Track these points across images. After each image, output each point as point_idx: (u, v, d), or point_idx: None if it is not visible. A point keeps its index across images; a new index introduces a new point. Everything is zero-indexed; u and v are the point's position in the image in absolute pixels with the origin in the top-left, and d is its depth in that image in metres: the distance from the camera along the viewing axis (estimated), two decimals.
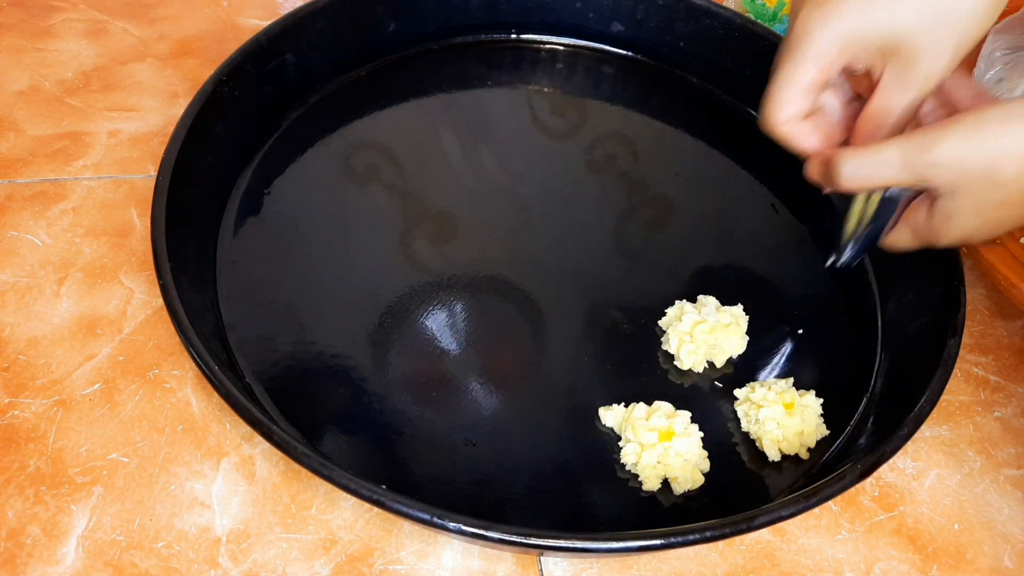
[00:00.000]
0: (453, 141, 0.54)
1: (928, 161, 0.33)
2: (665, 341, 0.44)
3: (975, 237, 0.35)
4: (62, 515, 0.37)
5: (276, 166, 0.51)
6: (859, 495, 0.42)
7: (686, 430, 0.40)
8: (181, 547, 0.37)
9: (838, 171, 0.35)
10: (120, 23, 0.62)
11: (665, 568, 0.38)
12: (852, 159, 0.35)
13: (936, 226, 0.36)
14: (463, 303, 0.45)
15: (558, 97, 0.58)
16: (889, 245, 0.39)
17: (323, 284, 0.45)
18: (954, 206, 0.34)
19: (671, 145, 0.57)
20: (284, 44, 0.51)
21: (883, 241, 0.39)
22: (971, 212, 0.34)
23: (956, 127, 0.33)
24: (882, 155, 0.34)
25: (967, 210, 0.34)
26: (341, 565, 0.37)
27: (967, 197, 0.34)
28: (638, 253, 0.50)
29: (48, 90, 0.56)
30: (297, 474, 0.39)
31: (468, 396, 0.42)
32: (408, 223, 0.49)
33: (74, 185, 0.50)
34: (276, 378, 0.41)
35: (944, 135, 0.33)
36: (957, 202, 0.34)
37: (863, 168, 0.35)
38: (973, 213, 0.34)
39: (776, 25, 0.64)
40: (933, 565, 0.39)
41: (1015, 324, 0.49)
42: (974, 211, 0.34)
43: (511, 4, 0.59)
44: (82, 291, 0.45)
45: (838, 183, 0.36)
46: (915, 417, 0.37)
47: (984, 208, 0.34)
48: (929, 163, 0.33)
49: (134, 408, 0.41)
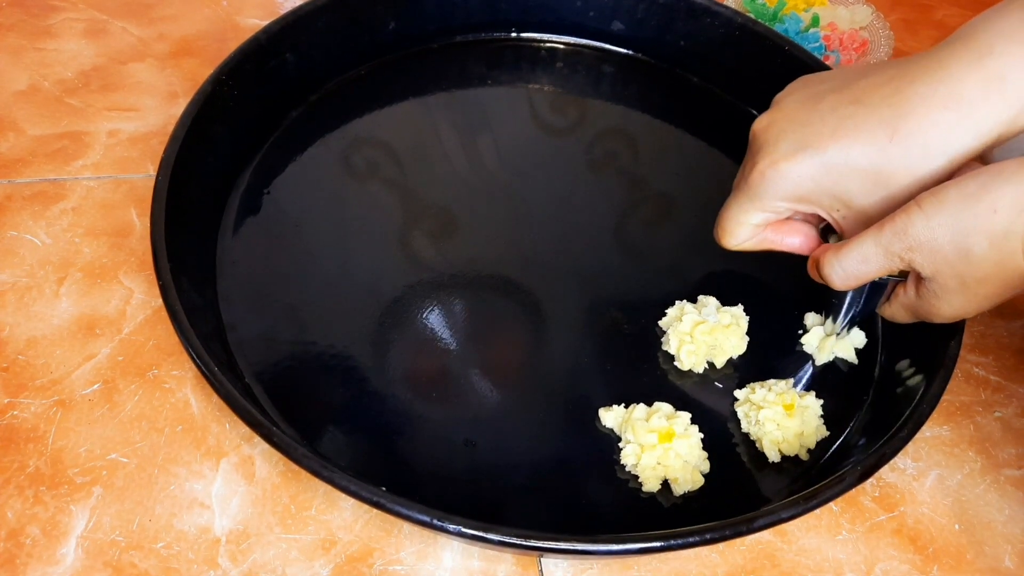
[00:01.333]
0: (453, 140, 0.54)
1: (905, 247, 0.33)
2: (665, 341, 0.44)
3: (968, 313, 0.35)
4: (61, 515, 0.37)
5: (276, 166, 0.51)
6: (859, 496, 0.41)
7: (686, 431, 0.40)
8: (180, 547, 0.37)
9: (828, 277, 0.37)
10: (120, 23, 0.62)
11: (665, 569, 0.38)
12: (836, 263, 0.36)
13: (928, 306, 0.36)
14: (463, 302, 0.45)
15: (558, 96, 0.58)
16: (887, 317, 0.40)
17: (323, 284, 0.45)
18: (938, 287, 0.34)
19: (671, 144, 0.57)
20: (284, 43, 0.51)
21: (880, 312, 0.40)
22: (955, 291, 0.34)
23: (919, 210, 0.33)
24: (862, 251, 0.35)
25: (951, 289, 0.34)
26: (341, 565, 0.37)
27: (948, 277, 0.34)
28: (638, 252, 0.49)
29: (48, 90, 0.56)
30: (297, 474, 0.39)
31: (468, 396, 0.42)
32: (408, 222, 0.49)
33: (74, 185, 0.50)
34: (276, 378, 0.41)
35: (910, 219, 0.33)
36: (940, 283, 0.34)
37: (849, 268, 0.36)
38: (958, 291, 0.34)
39: (776, 25, 0.64)
40: (933, 565, 0.39)
41: (1015, 324, 0.49)
42: (958, 289, 0.34)
43: (511, 3, 0.59)
44: (82, 291, 0.45)
45: (832, 287, 0.37)
46: (915, 418, 0.37)
47: (967, 285, 0.34)
48: (906, 248, 0.33)
49: (133, 408, 0.41)
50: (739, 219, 0.40)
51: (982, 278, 0.33)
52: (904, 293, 0.38)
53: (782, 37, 0.55)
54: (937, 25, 0.72)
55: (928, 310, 0.36)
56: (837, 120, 0.36)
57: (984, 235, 0.32)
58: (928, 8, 0.74)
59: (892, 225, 0.34)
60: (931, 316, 0.37)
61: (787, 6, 0.65)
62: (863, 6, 0.66)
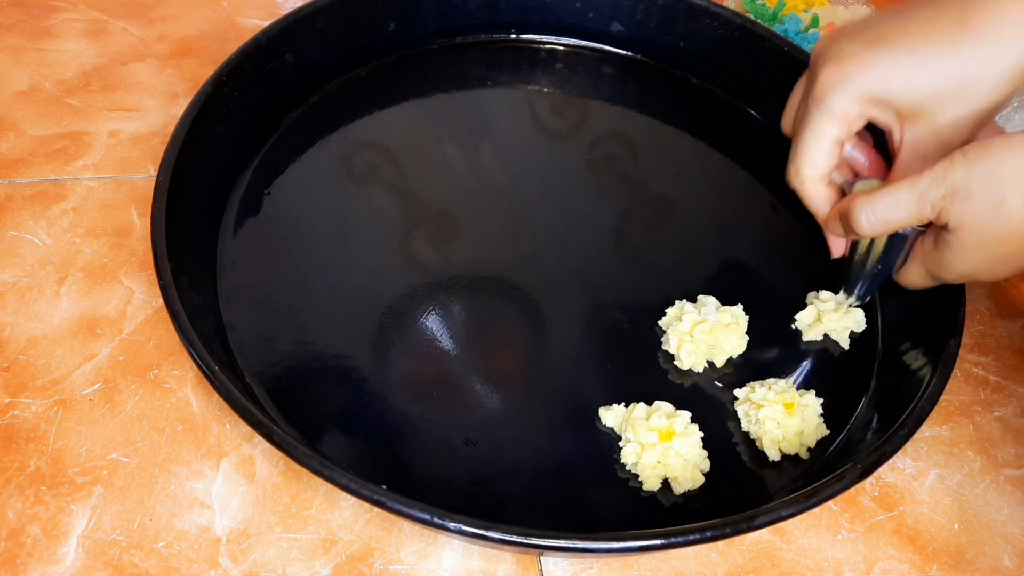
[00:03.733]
0: (453, 141, 0.54)
1: (941, 194, 0.33)
2: (665, 341, 0.44)
3: (979, 273, 0.35)
4: (62, 515, 0.37)
5: (276, 166, 0.51)
6: (859, 495, 0.42)
7: (686, 430, 0.40)
8: (181, 547, 0.37)
9: (856, 220, 0.36)
10: (120, 23, 0.62)
11: (665, 568, 0.38)
12: (868, 206, 0.35)
13: (942, 259, 0.36)
14: (463, 303, 0.45)
15: (558, 97, 0.58)
16: (903, 282, 0.40)
17: (323, 284, 0.45)
18: (957, 239, 0.34)
19: (671, 145, 0.57)
20: (284, 44, 0.51)
21: (896, 277, 0.40)
22: (973, 246, 0.34)
23: (962, 157, 0.32)
24: (896, 197, 0.34)
25: (970, 245, 0.34)
26: (341, 565, 0.37)
27: (971, 230, 0.33)
28: (638, 253, 0.50)
29: (48, 90, 0.56)
30: (297, 474, 0.39)
31: (468, 396, 0.42)
32: (408, 223, 0.49)
33: (74, 185, 0.50)
34: (276, 378, 0.41)
35: (952, 165, 0.33)
36: (961, 235, 0.34)
37: (880, 212, 0.35)
38: (975, 247, 0.34)
39: (776, 25, 0.64)
40: (933, 565, 0.39)
41: (1015, 324, 0.49)
42: (976, 245, 0.34)
43: (511, 4, 0.59)
44: (82, 291, 0.45)
45: (858, 231, 0.36)
46: (915, 417, 0.37)
47: (987, 242, 0.34)
48: (941, 196, 0.33)
49: (134, 408, 0.41)
50: (816, 138, 0.37)
51: (1004, 236, 0.33)
52: (922, 246, 0.37)
53: (781, 38, 0.55)
54: None
55: (941, 265, 0.36)
56: (905, 20, 0.35)
57: (1020, 188, 0.32)
58: None
59: (932, 172, 0.33)
60: (943, 271, 0.36)
61: (787, 7, 0.65)
62: (862, 6, 0.66)
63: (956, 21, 0.33)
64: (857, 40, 0.35)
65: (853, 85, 0.35)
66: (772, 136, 0.57)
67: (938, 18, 0.34)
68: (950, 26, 0.33)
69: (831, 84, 0.36)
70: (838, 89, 0.36)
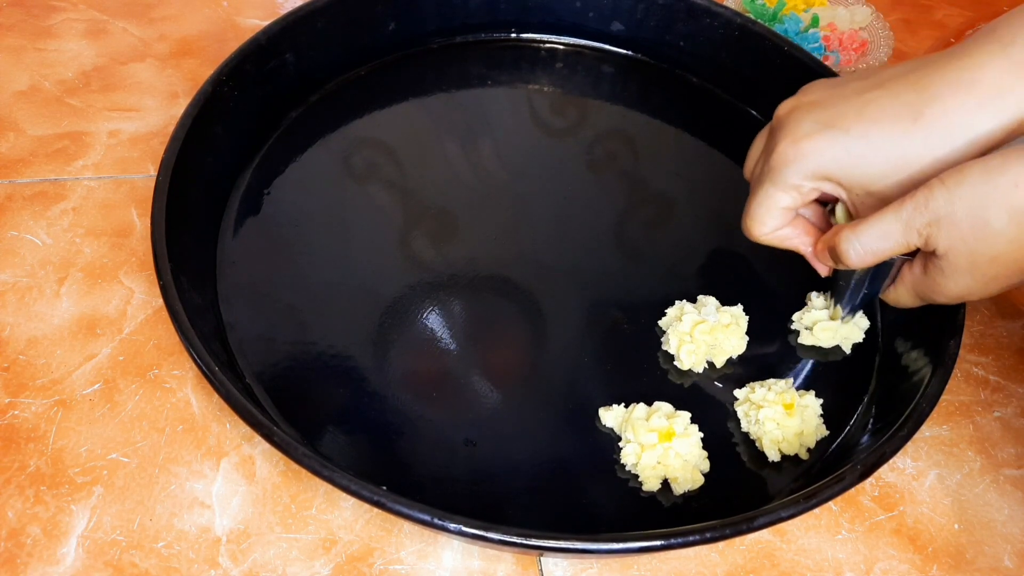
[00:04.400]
0: (453, 140, 0.54)
1: (925, 221, 0.33)
2: (665, 341, 0.44)
3: (972, 294, 0.35)
4: (62, 515, 0.37)
5: (276, 166, 0.51)
6: (859, 495, 0.42)
7: (686, 430, 0.40)
8: (181, 547, 0.37)
9: (845, 254, 0.36)
10: (120, 23, 0.62)
11: (665, 568, 0.38)
12: (854, 239, 0.36)
13: (933, 284, 0.36)
14: (463, 302, 0.45)
15: (558, 96, 0.58)
16: (891, 303, 0.40)
17: (323, 284, 0.45)
18: (947, 264, 0.34)
19: (671, 144, 0.57)
20: (284, 44, 0.51)
21: (884, 297, 0.40)
22: (964, 270, 0.34)
23: (940, 184, 0.33)
24: (882, 227, 0.35)
25: (960, 268, 0.34)
26: (341, 565, 0.37)
27: (959, 254, 0.34)
28: (638, 252, 0.50)
29: (48, 90, 0.56)
30: (297, 474, 0.39)
31: (468, 396, 0.42)
32: (408, 223, 0.49)
33: (74, 185, 0.50)
34: (276, 378, 0.41)
35: (932, 193, 0.33)
36: (951, 260, 0.34)
37: (867, 244, 0.35)
38: (966, 271, 0.34)
39: (776, 25, 0.64)
40: (933, 565, 0.39)
41: (1015, 324, 0.49)
42: (967, 268, 0.34)
43: (511, 3, 0.59)
44: (82, 291, 0.45)
45: (848, 264, 0.37)
46: (915, 417, 0.37)
47: (977, 264, 0.34)
48: (926, 223, 0.33)
49: (134, 408, 0.41)
50: (767, 204, 0.39)
51: (994, 256, 0.33)
52: (910, 271, 0.38)
53: (782, 38, 0.55)
54: (937, 25, 0.72)
55: (933, 288, 0.36)
56: (862, 103, 0.36)
57: (1004, 209, 0.32)
58: (928, 8, 0.74)
59: (913, 200, 0.34)
60: (935, 295, 0.37)
61: (787, 6, 0.65)
62: (863, 6, 0.66)
63: (909, 113, 0.34)
64: (815, 119, 0.37)
65: (806, 163, 0.37)
66: None
67: (893, 107, 0.35)
68: (903, 117, 0.35)
69: (786, 159, 0.37)
70: (792, 165, 0.37)
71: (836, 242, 0.37)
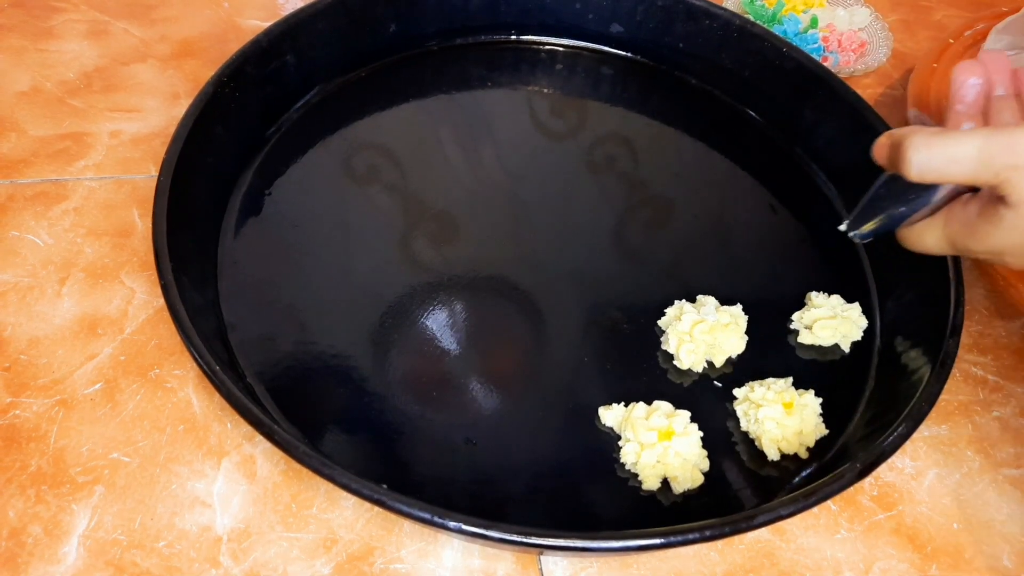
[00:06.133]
0: (453, 142, 0.54)
1: (1012, 163, 0.30)
2: (665, 341, 0.45)
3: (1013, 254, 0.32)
4: (63, 514, 0.37)
5: (277, 166, 0.51)
6: (858, 494, 0.42)
7: (685, 429, 0.40)
8: (182, 546, 0.37)
9: (906, 158, 0.32)
10: (121, 24, 0.62)
11: (664, 567, 0.38)
12: (924, 149, 0.31)
13: (981, 231, 0.33)
14: (463, 303, 0.45)
15: (558, 98, 0.58)
16: (911, 240, 0.36)
17: (324, 284, 0.45)
18: (1016, 215, 0.31)
19: (670, 145, 0.57)
20: (285, 45, 0.51)
21: (902, 232, 0.37)
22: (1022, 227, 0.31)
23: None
24: (958, 149, 0.31)
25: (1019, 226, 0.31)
26: (342, 564, 0.37)
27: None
28: (638, 253, 0.50)
29: (50, 91, 0.56)
30: (298, 473, 0.39)
31: (468, 396, 0.42)
32: (408, 223, 0.49)
33: (76, 185, 0.50)
34: (277, 378, 0.41)
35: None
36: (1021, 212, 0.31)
37: (934, 161, 0.31)
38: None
39: (775, 26, 0.64)
40: (932, 564, 0.40)
41: (1014, 324, 0.50)
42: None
43: (511, 5, 0.59)
44: (83, 291, 0.45)
45: (904, 170, 0.32)
46: (914, 417, 0.37)
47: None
48: (1012, 165, 0.30)
49: (135, 408, 0.41)
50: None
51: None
52: (963, 209, 0.34)
53: (781, 39, 0.55)
54: (936, 26, 0.72)
55: (977, 237, 0.33)
56: None
57: None
58: (927, 9, 0.74)
59: (1009, 136, 0.30)
60: (975, 243, 0.33)
61: (786, 7, 0.65)
62: (862, 7, 0.67)
63: None
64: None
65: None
66: (771, 136, 0.57)
67: None
68: None
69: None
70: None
71: (904, 140, 0.32)
